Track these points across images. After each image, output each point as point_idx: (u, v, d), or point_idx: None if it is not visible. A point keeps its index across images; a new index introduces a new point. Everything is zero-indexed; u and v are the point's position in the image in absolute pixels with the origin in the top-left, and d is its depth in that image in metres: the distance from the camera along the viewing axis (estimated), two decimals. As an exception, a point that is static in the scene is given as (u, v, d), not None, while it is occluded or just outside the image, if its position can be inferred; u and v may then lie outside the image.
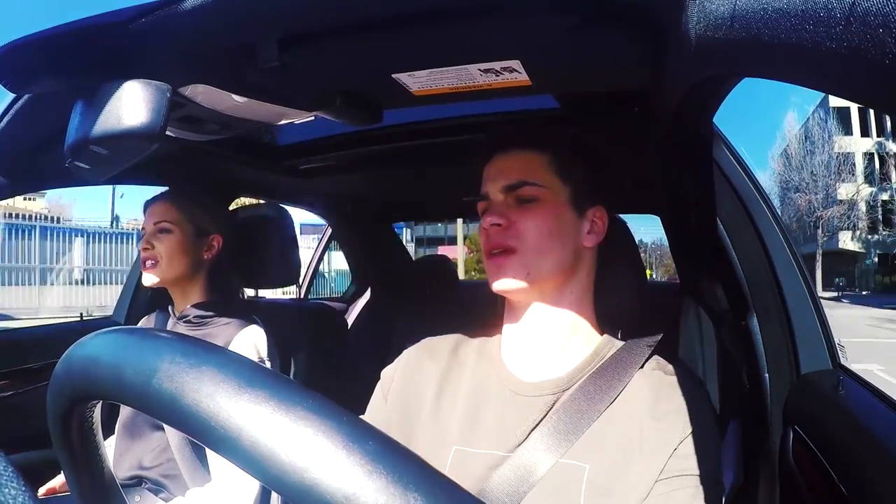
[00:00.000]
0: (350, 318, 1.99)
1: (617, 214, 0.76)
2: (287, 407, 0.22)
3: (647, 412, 0.61)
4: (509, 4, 0.58)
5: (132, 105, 0.58)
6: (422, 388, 0.72)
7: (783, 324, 0.86)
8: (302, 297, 2.36)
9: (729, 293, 0.99)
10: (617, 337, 0.71)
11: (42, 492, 1.11)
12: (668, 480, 0.58)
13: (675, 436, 0.59)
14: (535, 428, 0.63)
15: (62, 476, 1.05)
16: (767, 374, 0.87)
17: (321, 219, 2.09)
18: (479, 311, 0.77)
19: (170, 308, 1.19)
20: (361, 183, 1.68)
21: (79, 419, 0.30)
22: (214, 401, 0.22)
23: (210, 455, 1.02)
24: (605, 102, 0.99)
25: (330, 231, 2.23)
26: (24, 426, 1.07)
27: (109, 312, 1.61)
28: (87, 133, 0.59)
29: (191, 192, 1.19)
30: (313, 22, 0.61)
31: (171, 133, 0.81)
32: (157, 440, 1.06)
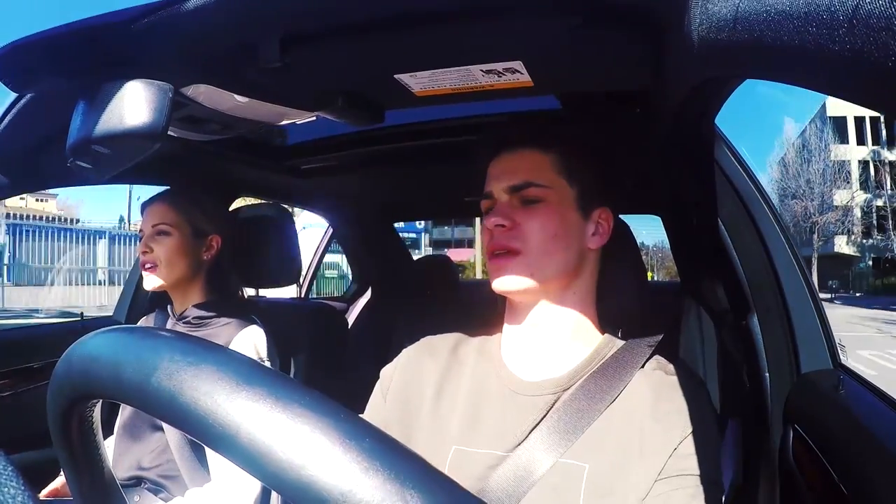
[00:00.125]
0: (350, 318, 1.99)
1: (618, 215, 0.76)
2: (284, 404, 0.22)
3: (648, 412, 0.61)
4: (512, 5, 0.58)
5: (134, 105, 0.58)
6: (421, 387, 0.71)
7: (784, 324, 0.86)
8: (303, 296, 2.36)
9: (730, 293, 0.99)
10: (618, 337, 0.71)
11: (45, 493, 1.11)
12: (668, 480, 0.58)
13: (675, 436, 0.59)
14: (534, 427, 0.62)
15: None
16: (768, 374, 0.87)
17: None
18: (480, 311, 0.77)
19: (169, 308, 1.19)
20: (363, 183, 1.68)
21: (79, 418, 0.30)
22: (212, 398, 0.22)
23: (210, 455, 1.01)
24: (606, 103, 1.00)
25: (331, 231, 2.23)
26: (24, 426, 1.07)
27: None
28: (89, 133, 0.59)
29: (188, 192, 1.18)
30: (315, 22, 0.61)
31: (173, 133, 0.81)
32: (157, 441, 1.06)
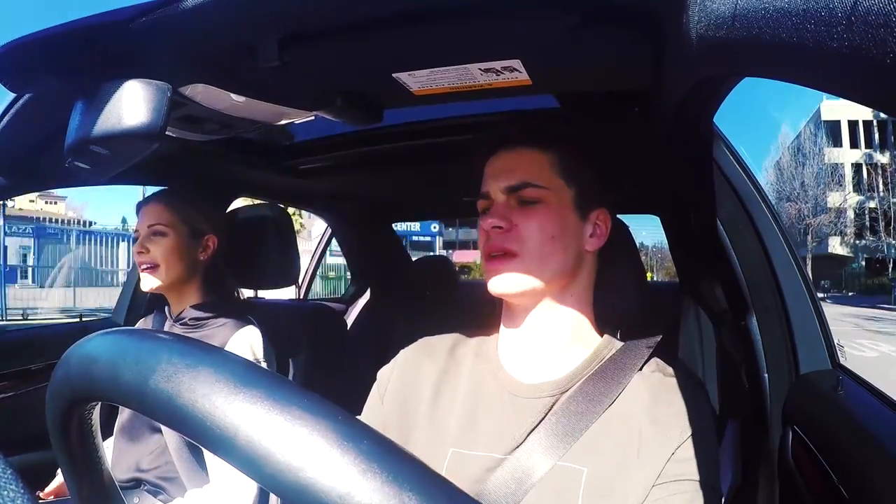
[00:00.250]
0: (349, 319, 1.99)
1: (617, 215, 0.75)
2: (282, 406, 0.22)
3: (646, 415, 0.60)
4: (510, 4, 0.58)
5: (132, 105, 0.58)
6: (419, 388, 0.71)
7: (782, 324, 0.86)
8: (301, 297, 2.35)
9: (728, 293, 0.99)
10: (616, 338, 0.70)
11: (44, 493, 1.11)
12: (665, 485, 0.57)
13: (673, 440, 0.59)
14: (533, 430, 0.62)
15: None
16: (767, 374, 0.87)
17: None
18: (479, 311, 0.77)
19: (166, 310, 1.18)
20: (361, 183, 1.68)
21: (78, 420, 0.30)
22: (210, 401, 0.22)
23: (208, 457, 1.01)
24: (604, 102, 1.00)
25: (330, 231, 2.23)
26: (23, 428, 1.07)
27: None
28: (87, 133, 0.59)
29: (184, 192, 1.17)
30: (314, 21, 0.61)
31: (171, 133, 0.81)
32: (156, 443, 1.06)
